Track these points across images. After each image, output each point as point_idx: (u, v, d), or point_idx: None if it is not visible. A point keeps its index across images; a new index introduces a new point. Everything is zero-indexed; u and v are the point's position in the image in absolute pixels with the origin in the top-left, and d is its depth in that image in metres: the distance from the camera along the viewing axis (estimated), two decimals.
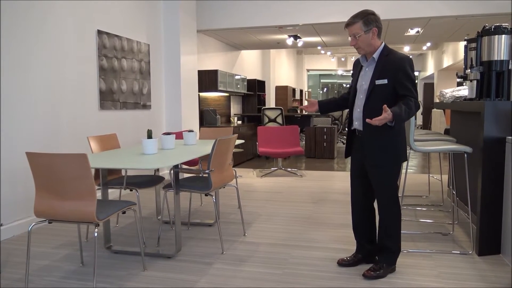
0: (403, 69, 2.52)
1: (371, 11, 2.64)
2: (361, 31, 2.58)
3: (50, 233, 3.74)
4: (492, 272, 2.81)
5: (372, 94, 2.60)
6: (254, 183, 6.08)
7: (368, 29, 2.57)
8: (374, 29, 2.58)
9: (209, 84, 7.72)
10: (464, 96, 3.84)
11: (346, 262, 2.93)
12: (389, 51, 2.61)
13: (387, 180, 2.67)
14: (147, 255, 3.17)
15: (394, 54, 2.59)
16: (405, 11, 6.30)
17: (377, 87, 2.58)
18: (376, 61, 2.61)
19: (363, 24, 2.57)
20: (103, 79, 4.93)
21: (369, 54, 2.66)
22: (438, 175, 6.29)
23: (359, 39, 2.59)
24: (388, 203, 2.70)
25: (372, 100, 2.60)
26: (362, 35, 2.58)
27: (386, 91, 2.56)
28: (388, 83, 2.54)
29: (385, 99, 2.55)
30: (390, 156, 2.63)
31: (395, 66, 2.54)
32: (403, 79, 2.51)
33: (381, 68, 2.58)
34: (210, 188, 3.18)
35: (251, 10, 6.90)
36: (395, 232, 2.74)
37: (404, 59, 2.55)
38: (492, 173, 3.04)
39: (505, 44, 3.18)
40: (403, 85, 2.51)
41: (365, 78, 2.66)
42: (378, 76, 2.58)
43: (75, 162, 2.40)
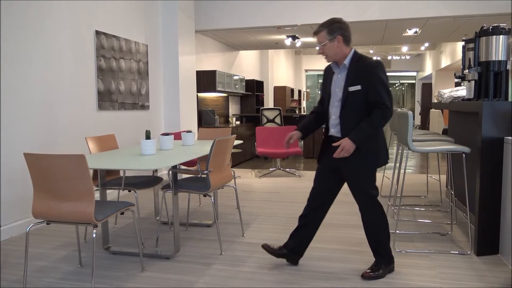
0: (375, 74, 2.51)
1: (338, 19, 2.62)
2: (326, 40, 2.59)
3: (48, 234, 3.73)
4: (490, 272, 2.81)
5: (346, 101, 2.59)
6: (253, 183, 6.08)
7: (332, 37, 2.57)
8: (339, 37, 2.58)
9: (207, 84, 7.72)
10: (462, 96, 3.85)
11: (269, 249, 2.89)
12: (359, 57, 2.62)
13: (367, 184, 2.66)
14: (146, 256, 3.16)
15: (365, 60, 2.60)
16: (403, 11, 6.31)
17: (351, 94, 2.57)
18: (348, 68, 2.61)
19: (328, 32, 2.58)
20: (101, 80, 4.93)
21: (339, 61, 2.65)
22: (436, 175, 6.30)
23: (325, 47, 2.61)
24: (371, 206, 2.70)
25: (347, 107, 2.60)
26: (327, 43, 2.59)
27: (359, 97, 2.56)
28: (362, 89, 2.54)
29: (360, 105, 2.56)
30: (370, 160, 2.62)
31: (367, 71, 2.54)
32: (376, 84, 2.51)
33: (353, 74, 2.58)
34: (209, 189, 3.18)
35: (249, 11, 6.89)
36: (383, 233, 2.73)
37: (375, 64, 2.56)
38: (490, 173, 3.04)
39: (503, 44, 3.19)
40: (375, 90, 2.51)
41: (338, 85, 2.65)
42: (351, 82, 2.57)
43: (73, 163, 2.39)
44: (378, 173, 2.78)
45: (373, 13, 6.42)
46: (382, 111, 2.49)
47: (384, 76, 2.53)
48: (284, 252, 2.90)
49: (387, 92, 2.51)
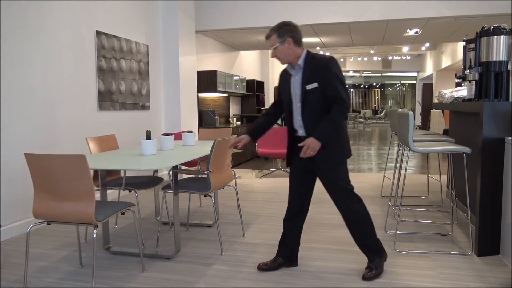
0: (329, 69, 2.56)
1: (287, 22, 2.66)
2: (277, 43, 2.62)
3: (48, 234, 3.73)
4: (491, 272, 2.81)
5: (306, 100, 2.63)
6: (253, 183, 6.08)
7: (282, 40, 2.61)
8: (289, 39, 2.61)
9: (208, 84, 7.72)
10: (463, 96, 3.85)
11: (266, 266, 2.90)
12: (312, 56, 2.65)
13: (339, 179, 2.67)
14: (146, 256, 3.16)
15: (318, 58, 2.64)
16: (404, 11, 6.30)
17: (309, 92, 2.61)
18: (303, 68, 2.65)
19: (277, 36, 2.62)
20: (102, 80, 4.93)
21: (293, 63, 2.68)
22: (437, 175, 6.30)
23: (276, 50, 2.65)
24: (349, 202, 2.70)
25: (308, 105, 2.64)
26: (278, 46, 2.63)
27: (318, 94, 2.59)
28: (319, 86, 2.58)
29: (319, 102, 2.59)
30: (337, 154, 2.65)
31: (321, 68, 2.58)
32: (331, 79, 2.55)
33: (309, 73, 2.62)
34: (209, 189, 3.18)
35: (250, 11, 6.89)
36: (367, 225, 2.74)
37: (329, 60, 2.60)
38: (491, 173, 3.04)
39: (504, 44, 3.19)
40: (332, 85, 2.55)
41: (296, 85, 2.68)
42: (307, 81, 2.61)
43: (73, 163, 2.39)
44: (379, 174, 2.78)
45: (373, 13, 6.42)
46: (340, 106, 2.54)
47: (338, 70, 2.58)
48: (280, 262, 2.92)
49: (343, 86, 2.56)
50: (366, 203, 2.79)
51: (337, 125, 2.57)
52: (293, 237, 2.92)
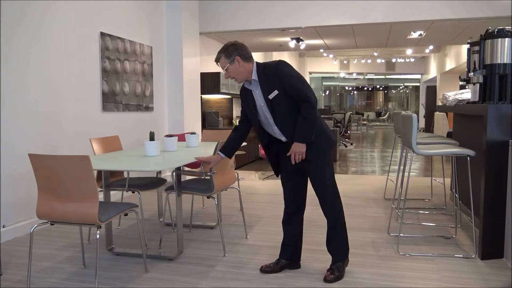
0: (282, 73, 2.58)
1: (232, 43, 2.67)
2: (227, 64, 2.64)
3: (52, 234, 3.75)
4: (495, 276, 2.80)
5: (273, 108, 2.63)
6: (256, 185, 6.08)
7: (231, 60, 2.63)
8: (236, 58, 2.62)
9: (211, 86, 7.73)
10: (467, 99, 3.83)
11: (269, 269, 2.90)
12: (263, 66, 2.67)
13: (322, 175, 2.69)
14: (149, 257, 3.16)
15: (268, 66, 2.65)
16: (408, 13, 6.30)
17: (273, 101, 2.61)
18: (258, 80, 2.65)
19: (225, 57, 2.64)
20: (106, 81, 4.95)
21: (248, 78, 2.68)
22: (441, 178, 6.27)
23: (229, 71, 2.66)
24: (330, 199, 2.73)
25: (278, 113, 2.64)
26: (229, 66, 2.64)
27: (283, 100, 2.60)
28: (280, 92, 2.58)
29: (287, 107, 2.61)
30: (324, 144, 2.67)
31: (274, 74, 2.59)
32: (287, 81, 2.56)
33: (265, 83, 2.62)
34: (212, 191, 3.18)
35: (254, 13, 6.90)
36: (342, 226, 2.78)
37: (277, 64, 2.61)
38: (495, 176, 3.03)
39: (508, 47, 3.18)
40: (291, 87, 2.56)
41: (260, 99, 2.68)
42: (267, 91, 2.62)
43: (77, 164, 2.40)
44: (382, 176, 2.77)
45: (377, 16, 6.41)
46: (307, 103, 2.55)
47: (290, 69, 2.60)
48: (283, 264, 2.92)
49: (302, 83, 2.58)
50: (369, 206, 2.79)
51: (311, 122, 2.58)
52: (294, 238, 2.93)
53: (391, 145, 12.61)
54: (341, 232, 2.79)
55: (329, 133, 2.73)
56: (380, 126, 23.93)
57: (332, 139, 2.73)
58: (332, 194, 2.74)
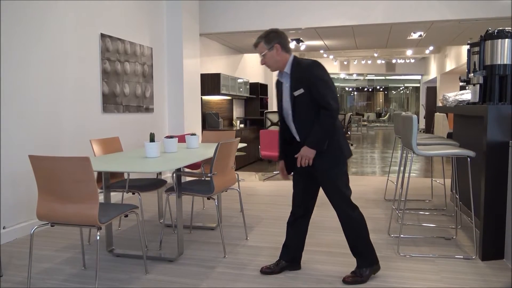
0: (312, 73, 2.55)
1: (274, 29, 2.68)
2: (265, 50, 2.64)
3: (52, 236, 3.75)
4: (495, 277, 2.79)
5: (295, 106, 2.63)
6: (257, 186, 6.08)
7: (270, 46, 2.63)
8: (276, 45, 2.62)
9: (211, 87, 7.74)
10: (467, 100, 3.83)
11: (269, 270, 2.89)
12: (298, 61, 2.65)
13: (338, 184, 2.65)
14: (149, 259, 3.16)
15: (302, 63, 2.63)
16: (408, 14, 6.30)
17: (297, 98, 2.61)
18: (290, 74, 2.65)
19: (265, 42, 2.64)
20: (106, 82, 4.95)
21: (281, 70, 2.69)
22: (441, 179, 6.27)
23: (265, 57, 2.66)
24: (344, 210, 2.69)
25: (298, 111, 2.64)
26: (267, 53, 2.64)
27: (306, 100, 2.58)
28: (305, 91, 2.57)
29: (308, 107, 2.58)
30: (333, 158, 2.63)
31: (305, 73, 2.58)
32: (315, 83, 2.54)
33: (295, 79, 2.62)
34: (213, 192, 3.18)
35: (254, 14, 6.91)
36: (362, 238, 2.73)
37: (311, 64, 2.59)
38: (495, 177, 3.03)
39: (508, 48, 3.18)
40: (317, 90, 2.54)
41: (286, 93, 2.69)
42: (294, 87, 2.61)
43: (77, 165, 2.40)
44: (382, 177, 2.77)
45: (377, 17, 6.41)
46: (328, 111, 2.53)
47: (322, 72, 2.56)
48: (283, 265, 2.92)
49: (328, 89, 2.54)
50: (370, 207, 2.79)
51: (326, 131, 2.55)
52: (296, 240, 2.92)
53: (391, 146, 12.61)
54: (360, 239, 2.73)
55: (344, 147, 2.67)
56: (380, 127, 23.93)
57: (345, 154, 2.67)
58: (341, 205, 2.69)
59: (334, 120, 2.55)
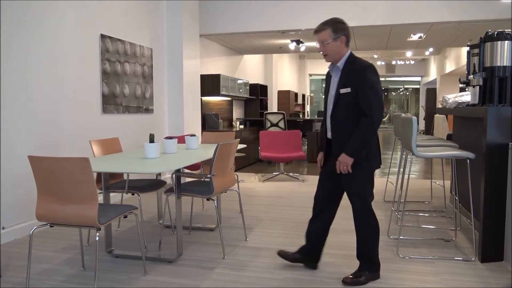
0: (363, 77, 2.50)
1: (341, 20, 2.63)
2: (330, 38, 2.57)
3: (51, 236, 3.74)
4: (494, 279, 2.79)
5: (338, 103, 2.60)
6: (256, 187, 6.07)
7: (336, 36, 2.57)
8: (342, 37, 2.58)
9: (211, 88, 7.74)
10: (466, 101, 3.83)
11: (284, 254, 2.95)
12: (354, 59, 2.60)
13: (358, 190, 2.65)
14: (148, 259, 3.16)
15: (358, 62, 2.58)
16: (408, 16, 6.30)
17: (342, 96, 2.58)
18: (341, 70, 2.61)
19: (332, 31, 2.57)
20: (106, 83, 4.95)
21: (336, 62, 2.65)
22: (441, 180, 6.27)
23: (328, 46, 2.59)
24: (362, 216, 2.69)
25: (339, 109, 2.61)
26: (331, 42, 2.58)
27: (350, 100, 2.55)
28: (352, 91, 2.53)
29: (351, 108, 2.55)
30: (361, 165, 2.60)
31: (356, 74, 2.53)
32: (364, 87, 2.49)
33: (345, 76, 2.58)
34: (212, 193, 3.18)
35: (254, 15, 6.91)
36: (372, 246, 2.73)
37: (365, 66, 2.54)
38: (495, 179, 3.02)
39: (508, 50, 3.18)
40: (363, 95, 2.49)
41: (333, 87, 2.66)
42: (342, 85, 2.58)
43: (77, 166, 2.40)
44: (382, 179, 2.77)
45: (377, 18, 6.41)
46: (368, 119, 2.49)
47: (373, 78, 2.51)
48: (297, 257, 2.93)
49: (375, 97, 2.49)
50: None
51: (363, 140, 2.51)
52: (313, 238, 2.90)
53: (391, 147, 12.60)
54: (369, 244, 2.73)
55: (374, 156, 2.65)
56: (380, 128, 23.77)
57: (373, 163, 2.64)
58: (361, 211, 2.68)
59: (373, 130, 2.51)
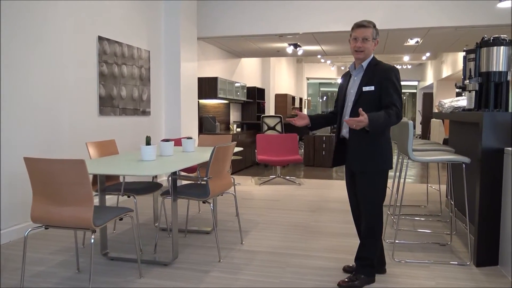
0: (389, 77, 2.60)
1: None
2: (371, 37, 2.69)
3: (47, 238, 3.73)
4: (490, 283, 2.80)
5: (359, 100, 2.66)
6: (253, 191, 6.07)
7: (375, 38, 2.71)
8: (377, 40, 2.73)
9: (209, 91, 7.74)
10: (462, 106, 3.85)
11: (350, 269, 2.95)
12: (377, 62, 2.72)
13: (371, 191, 2.67)
14: (144, 262, 3.15)
15: (381, 64, 2.69)
16: (405, 21, 6.33)
17: (364, 94, 2.65)
18: (365, 69, 2.70)
19: (375, 32, 2.71)
20: (103, 85, 4.94)
21: (358, 62, 2.73)
22: (437, 185, 6.29)
23: (367, 43, 2.68)
24: (372, 219, 2.70)
25: (359, 106, 2.62)
26: (370, 41, 2.69)
27: (372, 98, 2.62)
28: (375, 90, 2.62)
29: (372, 106, 2.60)
30: (373, 162, 2.65)
31: (382, 74, 2.62)
32: (389, 87, 2.58)
33: (369, 76, 2.66)
34: (208, 196, 3.18)
35: (252, 18, 6.93)
36: (374, 250, 2.75)
37: (391, 68, 2.64)
38: (490, 183, 3.04)
39: (504, 55, 3.20)
40: (388, 93, 2.58)
41: (353, 86, 2.74)
42: (365, 83, 2.66)
43: (72, 168, 2.39)
44: None
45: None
46: (395, 112, 2.55)
47: (397, 81, 2.61)
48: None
49: (398, 96, 2.59)
50: None
51: (387, 120, 2.53)
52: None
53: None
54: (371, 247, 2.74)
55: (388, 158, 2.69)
56: None
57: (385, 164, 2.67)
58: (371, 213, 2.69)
59: (398, 121, 2.57)
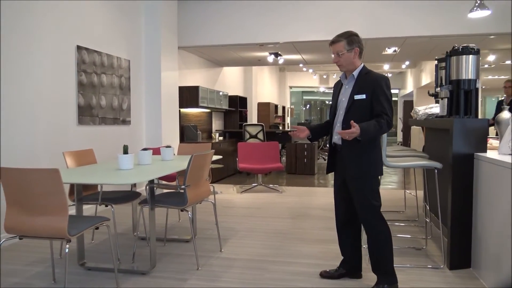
0: (380, 86, 2.65)
1: (355, 33, 2.78)
2: (344, 50, 2.71)
3: (22, 249, 3.67)
4: (462, 285, 2.86)
5: (351, 108, 2.71)
6: (234, 199, 6.08)
7: (350, 48, 2.72)
8: (356, 49, 2.73)
9: (190, 100, 7.75)
10: (436, 113, 3.95)
11: (327, 274, 2.98)
12: (368, 71, 2.76)
13: (366, 195, 2.69)
14: (121, 272, 3.13)
15: (372, 73, 2.74)
16: (382, 30, 6.47)
17: (356, 102, 2.70)
18: (356, 78, 2.75)
19: (347, 43, 2.72)
20: (82, 94, 4.92)
21: (348, 72, 2.79)
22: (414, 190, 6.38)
23: (342, 57, 2.73)
24: (372, 221, 2.72)
25: (351, 114, 2.70)
26: (345, 53, 2.72)
27: (364, 106, 2.67)
28: (366, 98, 2.67)
29: (363, 114, 2.65)
30: (365, 168, 2.70)
31: (373, 83, 2.67)
32: (379, 95, 2.63)
33: (360, 84, 2.71)
34: (186, 204, 3.18)
35: (232, 28, 6.99)
36: (388, 251, 2.74)
37: (381, 77, 2.70)
38: (461, 188, 3.12)
39: (473, 63, 3.30)
40: (379, 101, 2.63)
41: (345, 94, 2.79)
42: (357, 91, 2.70)
43: (46, 177, 2.38)
44: None
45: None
46: (386, 120, 2.60)
47: (387, 89, 2.66)
48: (342, 272, 2.98)
49: (389, 105, 2.65)
50: None
51: (377, 129, 2.58)
52: (348, 248, 2.96)
53: None
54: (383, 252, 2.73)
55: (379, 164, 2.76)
56: None
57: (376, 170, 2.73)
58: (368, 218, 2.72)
59: (388, 129, 2.62)
